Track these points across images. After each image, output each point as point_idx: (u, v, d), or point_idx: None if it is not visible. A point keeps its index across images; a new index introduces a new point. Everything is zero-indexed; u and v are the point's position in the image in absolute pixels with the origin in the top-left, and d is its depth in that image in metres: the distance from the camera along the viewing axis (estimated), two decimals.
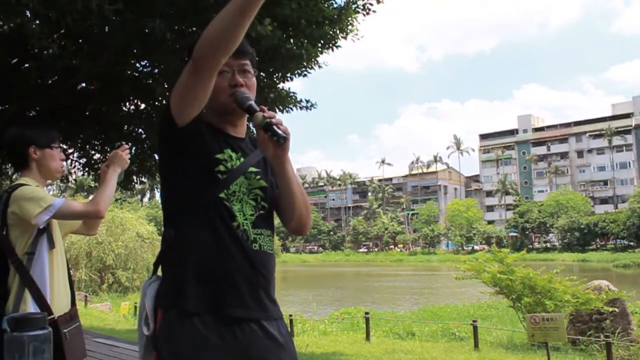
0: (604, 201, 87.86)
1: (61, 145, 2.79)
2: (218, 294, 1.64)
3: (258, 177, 1.79)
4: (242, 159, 1.76)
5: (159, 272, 1.77)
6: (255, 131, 1.66)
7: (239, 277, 1.66)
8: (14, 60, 7.29)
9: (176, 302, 1.63)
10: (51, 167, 2.71)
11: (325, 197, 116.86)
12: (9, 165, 10.27)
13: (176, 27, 6.43)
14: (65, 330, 2.49)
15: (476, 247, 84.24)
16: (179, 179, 1.72)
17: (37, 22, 5.52)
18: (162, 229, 1.77)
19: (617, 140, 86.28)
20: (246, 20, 1.42)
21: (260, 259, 1.72)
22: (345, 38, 7.74)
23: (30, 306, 2.44)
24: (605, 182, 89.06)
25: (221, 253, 1.65)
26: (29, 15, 5.40)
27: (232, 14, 1.41)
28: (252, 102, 1.67)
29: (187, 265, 1.65)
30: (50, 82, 7.66)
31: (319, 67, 8.08)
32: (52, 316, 2.44)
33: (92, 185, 19.60)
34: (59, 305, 2.54)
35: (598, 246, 74.97)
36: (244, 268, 1.67)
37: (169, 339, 1.61)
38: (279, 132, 1.58)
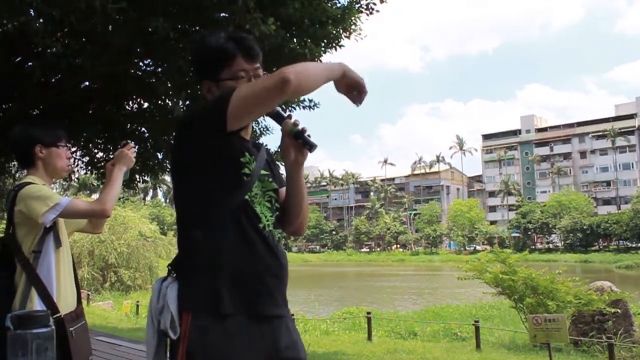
0: (606, 202, 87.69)
1: (67, 144, 2.79)
2: (251, 295, 1.66)
3: (270, 179, 1.81)
4: (254, 163, 1.77)
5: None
6: (281, 137, 1.69)
7: (270, 277, 1.70)
8: (18, 59, 7.31)
9: (210, 305, 1.62)
10: (57, 165, 2.71)
11: (328, 196, 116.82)
12: (12, 163, 10.30)
13: (179, 26, 6.42)
14: (71, 329, 2.49)
15: (478, 248, 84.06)
16: (206, 181, 1.70)
17: (41, 20, 5.53)
18: (165, 228, 1.78)
19: (620, 141, 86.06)
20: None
21: (284, 257, 1.77)
22: (348, 38, 7.73)
23: (36, 304, 2.44)
24: (608, 183, 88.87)
25: (253, 254, 1.68)
26: (32, 13, 5.41)
27: (321, 79, 1.62)
28: (279, 109, 1.68)
29: (219, 267, 1.65)
30: (53, 80, 7.68)
31: None
32: (58, 314, 2.45)
33: (95, 183, 19.62)
34: (65, 303, 2.55)
35: (601, 247, 74.77)
36: (273, 268, 1.71)
37: (202, 342, 1.60)
38: (311, 140, 1.59)
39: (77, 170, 10.47)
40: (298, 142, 1.62)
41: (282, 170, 1.92)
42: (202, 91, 1.82)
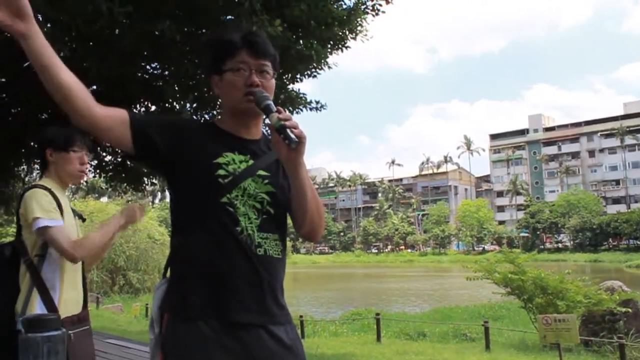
0: (616, 201, 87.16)
1: (82, 148, 2.71)
2: (220, 299, 1.63)
3: (266, 181, 1.74)
4: (250, 162, 1.73)
5: (168, 275, 1.77)
6: (270, 132, 1.65)
7: (241, 282, 1.65)
8: (25, 64, 7.34)
9: (180, 307, 1.64)
10: (66, 170, 2.67)
11: (336, 198, 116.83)
12: (22, 167, 10.36)
13: (185, 29, 6.44)
14: (71, 332, 2.45)
15: (487, 248, 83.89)
16: (181, 187, 1.72)
17: (48, 25, 5.56)
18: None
19: (629, 140, 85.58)
20: None
21: (265, 264, 1.68)
22: (354, 39, 7.73)
23: (36, 306, 2.44)
24: (617, 182, 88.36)
25: (223, 259, 1.64)
26: (40, 18, 5.44)
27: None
28: (270, 102, 1.64)
29: (190, 271, 1.65)
30: None
31: (329, 67, 8.08)
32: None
33: (104, 187, 19.71)
34: (67, 306, 2.53)
35: (610, 246, 74.35)
36: (247, 273, 1.65)
37: (173, 341, 1.62)
38: (292, 135, 1.54)
39: (86, 174, 10.52)
40: (281, 137, 1.57)
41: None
42: (211, 86, 1.82)
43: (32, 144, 9.63)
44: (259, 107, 1.65)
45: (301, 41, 6.86)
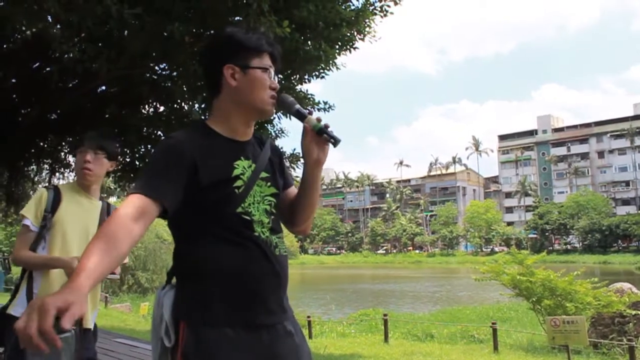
0: (625, 202, 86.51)
1: (84, 147, 2.83)
2: (245, 304, 1.63)
3: (269, 183, 1.77)
4: (253, 166, 1.73)
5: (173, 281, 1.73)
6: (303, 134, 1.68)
7: (264, 285, 1.66)
8: (36, 65, 7.40)
9: (201, 315, 1.61)
10: (76, 171, 2.91)
11: (343, 198, 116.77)
12: (31, 167, 10.44)
13: (194, 30, 6.47)
14: None
15: (495, 249, 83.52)
16: (198, 201, 1.65)
17: (58, 26, 5.60)
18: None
19: (639, 141, 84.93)
20: None
21: (281, 263, 1.72)
22: (362, 40, 7.74)
23: (17, 301, 2.58)
24: (627, 183, 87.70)
25: (246, 263, 1.64)
26: (50, 20, 5.48)
27: None
28: (299, 106, 1.67)
29: (211, 278, 1.63)
30: (70, 85, 7.76)
31: (337, 68, 8.09)
32: None
33: (112, 187, 19.81)
34: None
35: (620, 248, 73.87)
36: (268, 275, 1.67)
37: (198, 348, 1.58)
38: (335, 135, 1.58)
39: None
40: (321, 139, 1.59)
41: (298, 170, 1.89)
42: (224, 75, 1.71)
43: (41, 144, 9.70)
44: (289, 111, 1.68)
45: (309, 42, 6.87)
